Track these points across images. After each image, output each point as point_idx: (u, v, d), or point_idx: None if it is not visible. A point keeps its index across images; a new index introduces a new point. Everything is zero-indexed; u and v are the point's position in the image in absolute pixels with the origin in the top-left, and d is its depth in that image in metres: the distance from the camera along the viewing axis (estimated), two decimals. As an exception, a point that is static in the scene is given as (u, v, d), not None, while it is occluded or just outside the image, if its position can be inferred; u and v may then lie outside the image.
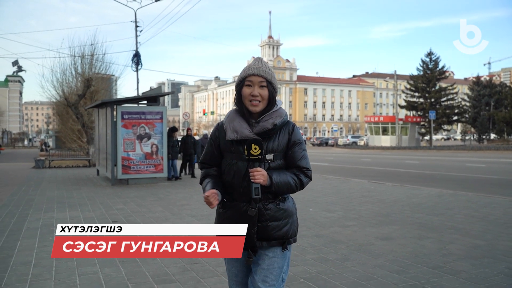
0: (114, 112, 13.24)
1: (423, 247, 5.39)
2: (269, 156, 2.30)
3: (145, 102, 14.81)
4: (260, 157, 2.24)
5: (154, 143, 13.10)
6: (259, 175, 2.22)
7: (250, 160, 2.25)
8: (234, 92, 2.45)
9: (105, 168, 14.73)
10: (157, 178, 13.47)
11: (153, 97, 14.04)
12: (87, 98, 26.18)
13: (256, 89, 2.31)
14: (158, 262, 4.82)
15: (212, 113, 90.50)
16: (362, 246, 5.46)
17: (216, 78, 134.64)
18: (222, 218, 2.41)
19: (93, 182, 14.18)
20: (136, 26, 26.24)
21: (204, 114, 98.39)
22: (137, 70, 25.88)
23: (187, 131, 16.33)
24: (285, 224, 2.34)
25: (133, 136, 12.93)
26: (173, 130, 14.87)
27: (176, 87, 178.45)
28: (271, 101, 2.36)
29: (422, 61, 54.63)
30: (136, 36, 26.38)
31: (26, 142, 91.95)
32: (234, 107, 2.45)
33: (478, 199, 9.19)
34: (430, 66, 54.19)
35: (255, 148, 2.23)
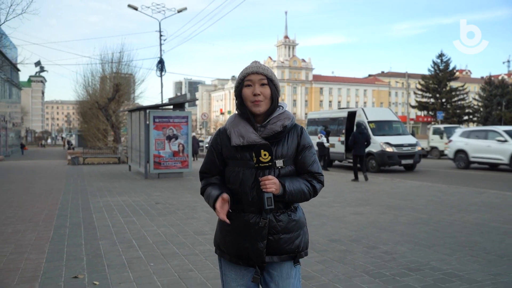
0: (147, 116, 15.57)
1: (381, 218, 7.54)
2: (279, 163, 2.14)
3: (171, 106, 17.12)
4: (270, 164, 2.08)
5: (181, 142, 15.39)
6: (271, 184, 2.05)
7: (260, 167, 2.10)
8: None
9: (137, 164, 17.08)
10: (183, 172, 15.79)
11: (179, 104, 16.33)
12: (114, 100, 28.75)
13: (257, 88, 2.15)
14: (195, 224, 7.07)
15: (229, 112, 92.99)
16: (338, 218, 7.63)
17: (233, 77, 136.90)
18: (225, 230, 2.22)
19: (128, 176, 16.53)
20: (160, 36, 28.68)
21: (221, 113, 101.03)
22: (161, 76, 28.27)
23: None
24: (297, 236, 2.19)
25: (163, 136, 15.24)
26: None
27: (193, 86, 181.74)
28: (274, 100, 2.20)
29: (433, 62, 56.28)
30: (160, 44, 28.82)
31: (49, 141, 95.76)
32: (236, 112, 2.30)
33: (447, 189, 11.23)
34: (441, 67, 55.81)
35: (265, 155, 2.07)
